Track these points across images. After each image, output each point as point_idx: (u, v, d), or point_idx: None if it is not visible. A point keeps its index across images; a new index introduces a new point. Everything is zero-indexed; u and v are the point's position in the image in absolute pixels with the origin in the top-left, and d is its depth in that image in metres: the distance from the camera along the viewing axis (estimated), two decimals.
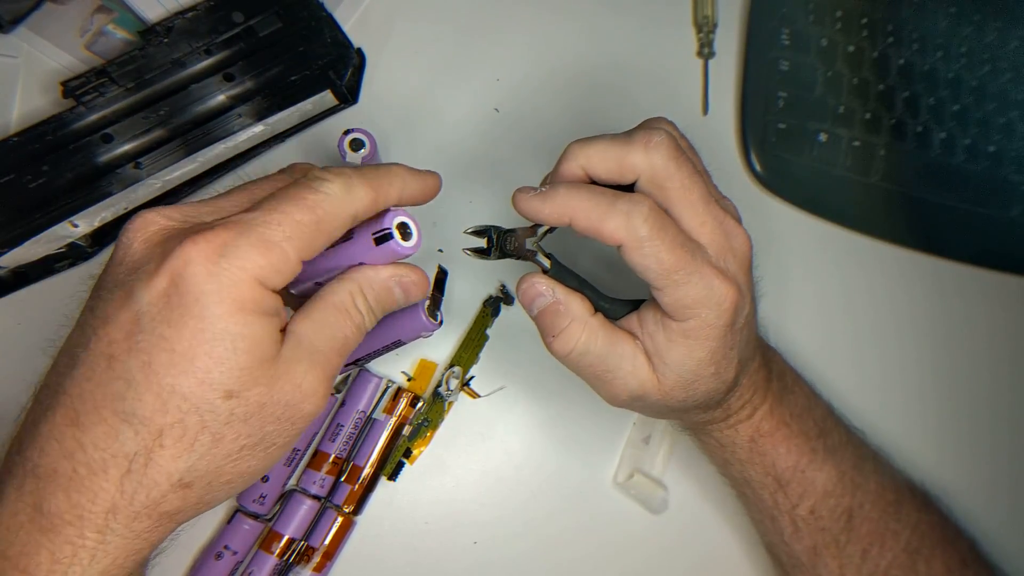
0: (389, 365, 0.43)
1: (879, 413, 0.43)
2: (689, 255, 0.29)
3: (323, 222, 0.25)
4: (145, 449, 0.23)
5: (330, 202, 0.25)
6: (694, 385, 0.31)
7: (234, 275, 0.23)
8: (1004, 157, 0.50)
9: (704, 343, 0.30)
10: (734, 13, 0.51)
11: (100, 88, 0.40)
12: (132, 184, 0.40)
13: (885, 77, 0.50)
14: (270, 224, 0.24)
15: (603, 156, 0.30)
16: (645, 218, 0.28)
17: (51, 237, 0.39)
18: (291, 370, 0.25)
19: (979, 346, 0.48)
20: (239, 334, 0.23)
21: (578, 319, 0.31)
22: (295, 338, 0.26)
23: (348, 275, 0.28)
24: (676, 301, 0.29)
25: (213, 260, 0.23)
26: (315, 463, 0.40)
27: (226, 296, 0.23)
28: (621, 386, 0.31)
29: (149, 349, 0.23)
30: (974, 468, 0.45)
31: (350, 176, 0.26)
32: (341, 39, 0.43)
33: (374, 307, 0.28)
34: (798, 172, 0.48)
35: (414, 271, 0.29)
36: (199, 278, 0.23)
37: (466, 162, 0.46)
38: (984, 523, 0.42)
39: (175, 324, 0.23)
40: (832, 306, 0.47)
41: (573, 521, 0.43)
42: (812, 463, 0.36)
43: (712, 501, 0.44)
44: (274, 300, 0.25)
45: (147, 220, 0.25)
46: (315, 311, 0.27)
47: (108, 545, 0.23)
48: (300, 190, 0.25)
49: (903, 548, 0.37)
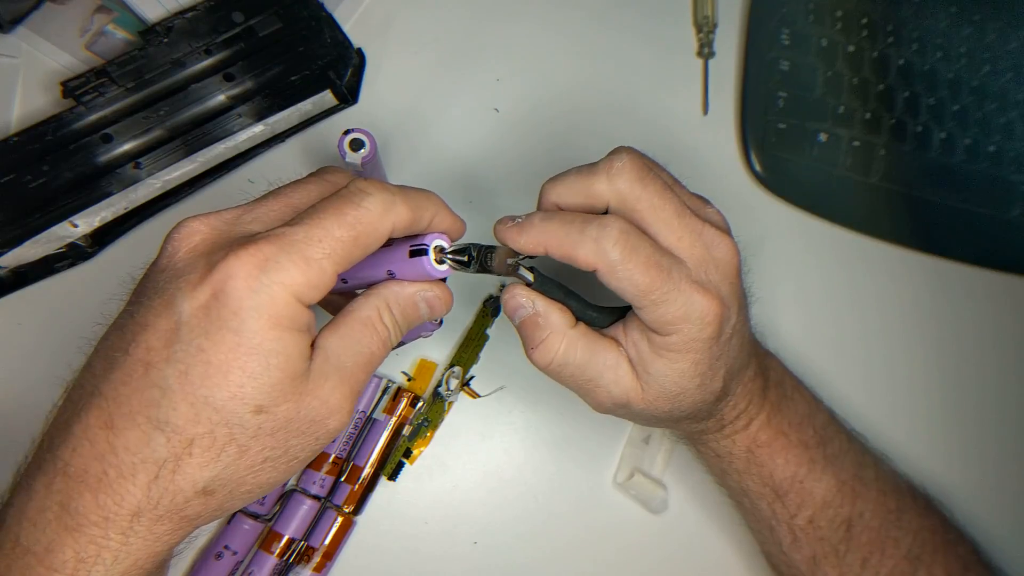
0: (389, 365, 0.43)
1: (880, 414, 0.43)
2: (665, 274, 0.29)
3: (362, 237, 0.25)
4: (175, 456, 0.23)
5: (370, 218, 0.25)
6: (679, 397, 0.31)
7: (274, 292, 0.23)
8: (1004, 157, 0.50)
9: (687, 356, 0.30)
10: (734, 13, 0.51)
11: (100, 88, 0.40)
12: (132, 184, 0.40)
13: (885, 77, 0.50)
14: (311, 241, 0.24)
15: (571, 191, 0.30)
16: (615, 242, 0.28)
17: (51, 237, 0.39)
18: (319, 386, 0.25)
19: (980, 346, 0.48)
20: (273, 350, 0.23)
21: (557, 331, 0.31)
22: (323, 354, 0.26)
23: (375, 290, 0.28)
24: (657, 319, 0.29)
25: (255, 276, 0.23)
26: (315, 463, 0.40)
27: (264, 312, 0.23)
28: (604, 394, 0.32)
29: (186, 359, 0.23)
30: (975, 469, 0.45)
31: (392, 194, 0.26)
32: (341, 39, 0.43)
33: (400, 322, 0.29)
34: (798, 172, 0.48)
35: (438, 286, 0.30)
36: (241, 293, 0.23)
37: (466, 162, 0.46)
38: (986, 525, 0.42)
39: (213, 336, 0.23)
40: (832, 306, 0.47)
41: (573, 521, 0.43)
42: (811, 473, 0.36)
43: (712, 501, 0.44)
44: (308, 316, 0.25)
45: (192, 229, 0.25)
46: (342, 326, 0.27)
47: (131, 547, 0.24)
48: (342, 204, 0.25)
49: (904, 555, 0.36)
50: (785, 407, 0.36)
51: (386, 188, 0.26)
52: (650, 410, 0.32)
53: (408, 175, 0.45)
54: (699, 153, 0.46)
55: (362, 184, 0.26)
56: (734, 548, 0.43)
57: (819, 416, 0.38)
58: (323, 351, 0.26)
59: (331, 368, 0.26)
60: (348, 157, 0.37)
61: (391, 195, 0.26)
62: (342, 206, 0.25)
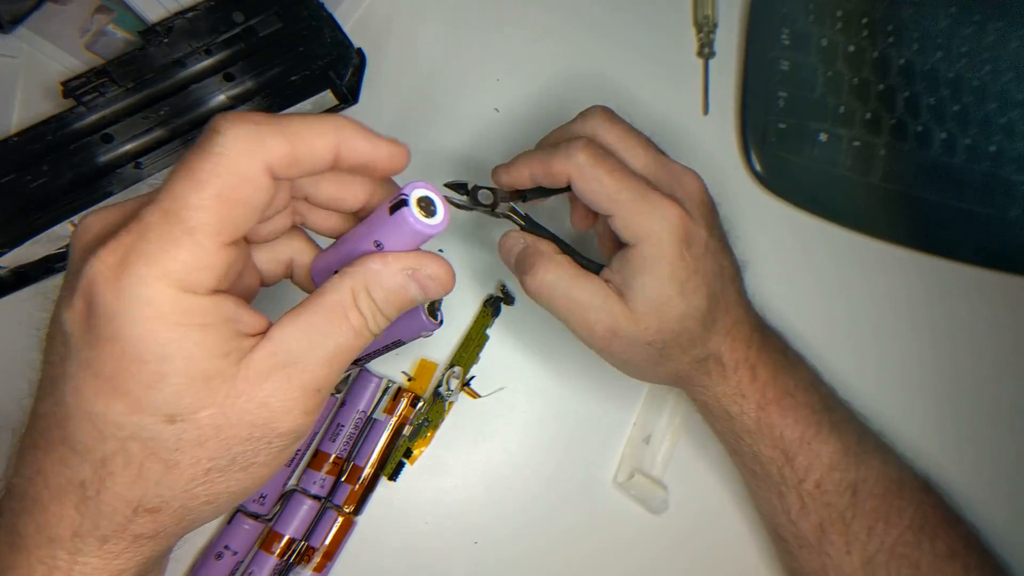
0: (389, 365, 0.43)
1: (880, 414, 0.43)
2: (631, 178, 0.33)
3: (228, 192, 0.20)
4: (95, 477, 0.22)
5: (229, 164, 0.20)
6: (663, 309, 0.33)
7: (142, 289, 0.20)
8: (1004, 157, 0.50)
9: (663, 262, 0.33)
10: (734, 13, 0.51)
11: (100, 88, 0.40)
12: (132, 184, 0.40)
13: (885, 77, 0.50)
14: (169, 216, 0.20)
15: (552, 138, 0.36)
16: (582, 149, 0.32)
17: (51, 237, 0.39)
18: (254, 386, 0.22)
19: (980, 346, 0.48)
20: (164, 354, 0.20)
21: (546, 256, 0.34)
22: (270, 347, 0.22)
23: (350, 269, 0.24)
24: (627, 224, 0.32)
25: (116, 275, 0.20)
26: (315, 463, 0.40)
27: (138, 314, 0.20)
28: (595, 319, 0.34)
29: (77, 375, 0.21)
30: (975, 468, 0.45)
31: (255, 123, 0.21)
32: (341, 39, 0.43)
33: (383, 307, 0.24)
34: (798, 172, 0.48)
35: (433, 260, 0.24)
36: (107, 297, 0.20)
37: (466, 162, 0.46)
38: (987, 525, 0.42)
39: (96, 347, 0.20)
40: (832, 306, 0.47)
41: (573, 521, 0.43)
42: (818, 435, 0.37)
43: (712, 501, 0.44)
44: (213, 304, 0.21)
45: (85, 226, 0.22)
46: (303, 313, 0.23)
47: (85, 566, 0.23)
48: (193, 158, 0.20)
49: (908, 526, 0.37)
50: (791, 370, 0.38)
51: (245, 118, 0.21)
52: (639, 332, 0.33)
53: (408, 174, 0.45)
54: (699, 153, 0.46)
55: (215, 122, 0.21)
56: (734, 548, 0.43)
57: (823, 387, 0.39)
58: (271, 343, 0.22)
59: (276, 364, 0.22)
60: None
61: (253, 126, 0.21)
62: (192, 161, 0.20)
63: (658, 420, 0.44)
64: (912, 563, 0.36)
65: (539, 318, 0.38)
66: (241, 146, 0.20)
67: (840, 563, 0.37)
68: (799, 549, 0.38)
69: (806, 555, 0.38)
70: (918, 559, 0.36)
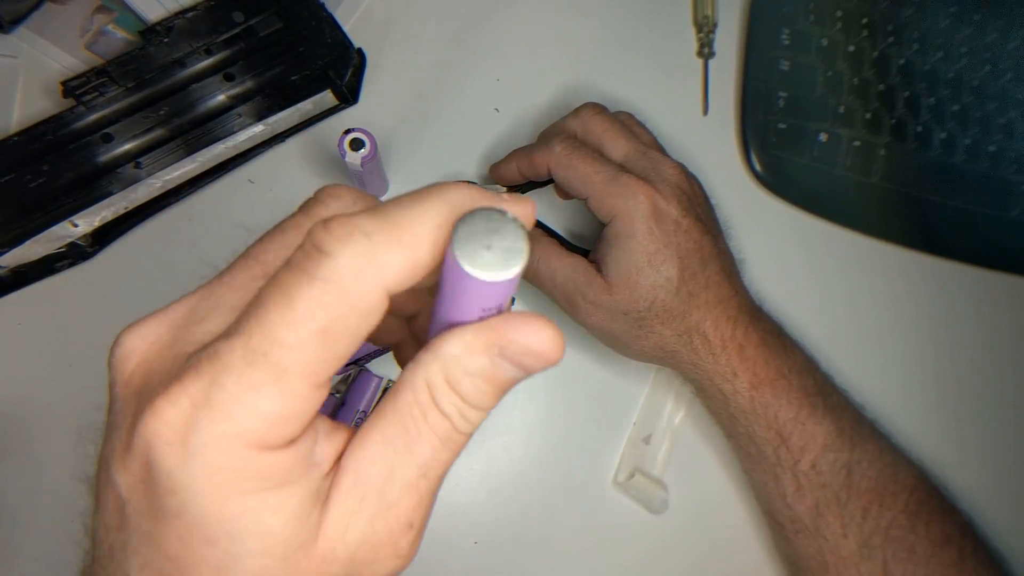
0: (390, 365, 0.42)
1: (880, 413, 0.43)
2: (603, 163, 0.36)
3: (338, 323, 0.16)
4: None
5: (341, 291, 0.16)
6: (634, 278, 0.36)
7: (214, 456, 0.16)
8: (1004, 157, 0.50)
9: (633, 236, 0.36)
10: (734, 13, 0.51)
11: (100, 88, 0.40)
12: (132, 184, 0.40)
13: (885, 77, 0.50)
14: (252, 356, 0.16)
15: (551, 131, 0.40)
16: (559, 140, 0.37)
17: (51, 237, 0.39)
18: (337, 544, 0.17)
19: (980, 346, 0.48)
20: (235, 531, 0.16)
21: (532, 236, 0.37)
22: (350, 479, 0.17)
23: (422, 355, 0.18)
24: (601, 205, 0.36)
25: (182, 440, 0.16)
26: None
27: (205, 484, 0.16)
28: (574, 290, 0.37)
29: (141, 549, 0.17)
30: (975, 468, 0.45)
31: (364, 234, 0.16)
32: (341, 39, 0.43)
33: (472, 399, 0.19)
34: (798, 172, 0.48)
35: (533, 323, 0.18)
36: (169, 466, 0.16)
37: (466, 162, 0.46)
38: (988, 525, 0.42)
39: (159, 522, 0.17)
40: (832, 306, 0.47)
41: (573, 521, 0.43)
42: (812, 416, 0.37)
43: (712, 501, 0.44)
44: (293, 457, 0.17)
45: (127, 351, 0.18)
46: (377, 423, 0.18)
47: None
48: (289, 282, 0.16)
49: (902, 509, 0.37)
50: (785, 353, 0.38)
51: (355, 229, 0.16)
52: (615, 301, 0.36)
53: (408, 175, 0.45)
54: (699, 153, 0.46)
55: (317, 239, 0.16)
56: (734, 548, 0.43)
57: (819, 372, 0.40)
58: (347, 479, 0.17)
59: (356, 507, 0.17)
60: (348, 157, 0.37)
61: (366, 240, 0.16)
62: (290, 285, 0.16)
63: (658, 420, 0.44)
64: (907, 547, 0.36)
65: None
66: (355, 270, 0.16)
67: (837, 546, 0.37)
68: (795, 534, 0.38)
69: (802, 540, 0.38)
70: (913, 543, 0.36)
